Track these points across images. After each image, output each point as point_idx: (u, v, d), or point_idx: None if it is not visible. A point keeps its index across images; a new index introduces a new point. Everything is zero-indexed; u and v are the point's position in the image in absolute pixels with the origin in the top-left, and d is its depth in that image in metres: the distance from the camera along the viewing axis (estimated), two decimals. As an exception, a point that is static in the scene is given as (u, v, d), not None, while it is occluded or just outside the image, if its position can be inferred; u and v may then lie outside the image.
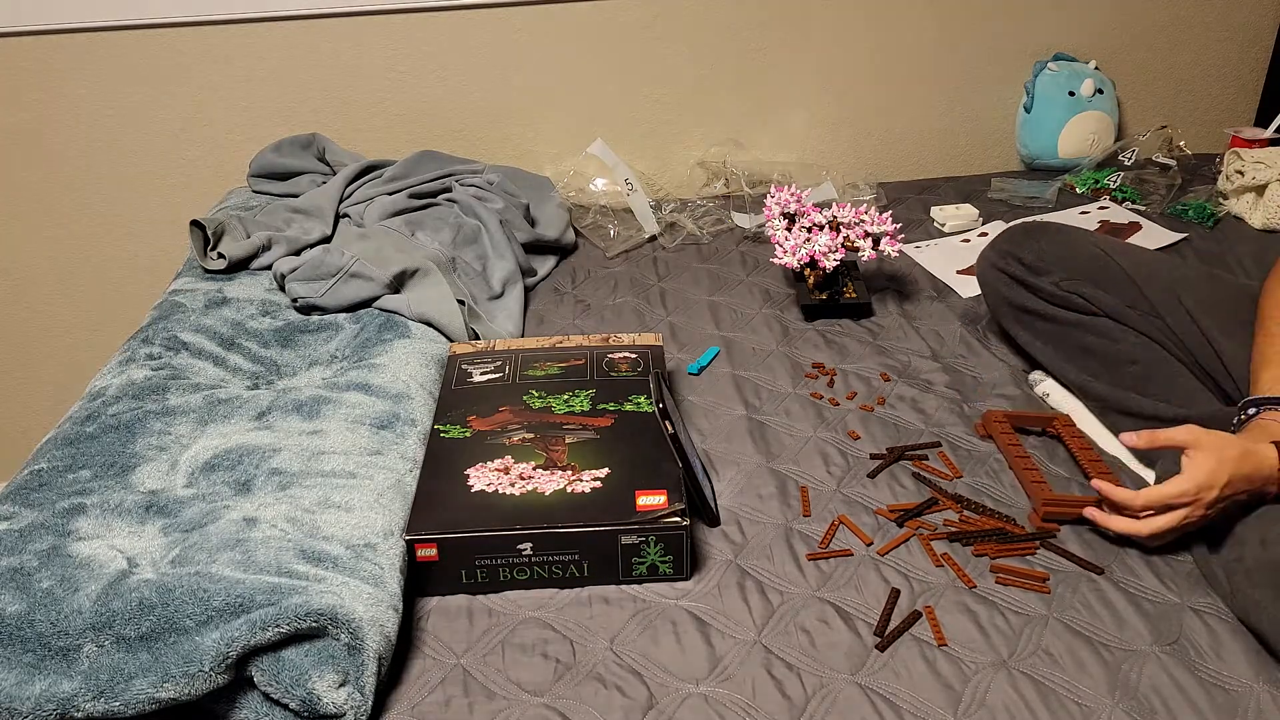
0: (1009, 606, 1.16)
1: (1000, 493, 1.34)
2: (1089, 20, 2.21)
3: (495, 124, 2.16)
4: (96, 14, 1.98)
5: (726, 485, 1.37)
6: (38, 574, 1.09)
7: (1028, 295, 1.51)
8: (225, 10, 2.00)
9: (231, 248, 1.73)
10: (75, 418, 1.38)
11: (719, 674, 1.09)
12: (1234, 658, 1.09)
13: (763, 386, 1.56)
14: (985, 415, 1.44)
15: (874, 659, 1.11)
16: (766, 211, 1.80)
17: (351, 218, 1.88)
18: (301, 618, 1.01)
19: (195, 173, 2.14)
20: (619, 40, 2.11)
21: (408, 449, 1.33)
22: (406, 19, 2.05)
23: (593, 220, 2.05)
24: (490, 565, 1.19)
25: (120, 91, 2.05)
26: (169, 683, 0.98)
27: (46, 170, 2.11)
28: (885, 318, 1.74)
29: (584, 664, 1.11)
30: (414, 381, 1.45)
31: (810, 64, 2.17)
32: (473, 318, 1.68)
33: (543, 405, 1.39)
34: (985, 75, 2.23)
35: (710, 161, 2.17)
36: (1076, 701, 1.05)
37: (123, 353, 1.52)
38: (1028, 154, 2.24)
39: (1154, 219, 1.98)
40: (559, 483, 1.24)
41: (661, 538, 1.19)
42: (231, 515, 1.18)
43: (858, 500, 1.33)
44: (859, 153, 2.28)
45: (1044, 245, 1.50)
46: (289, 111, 2.10)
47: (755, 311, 1.77)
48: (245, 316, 1.61)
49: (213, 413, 1.39)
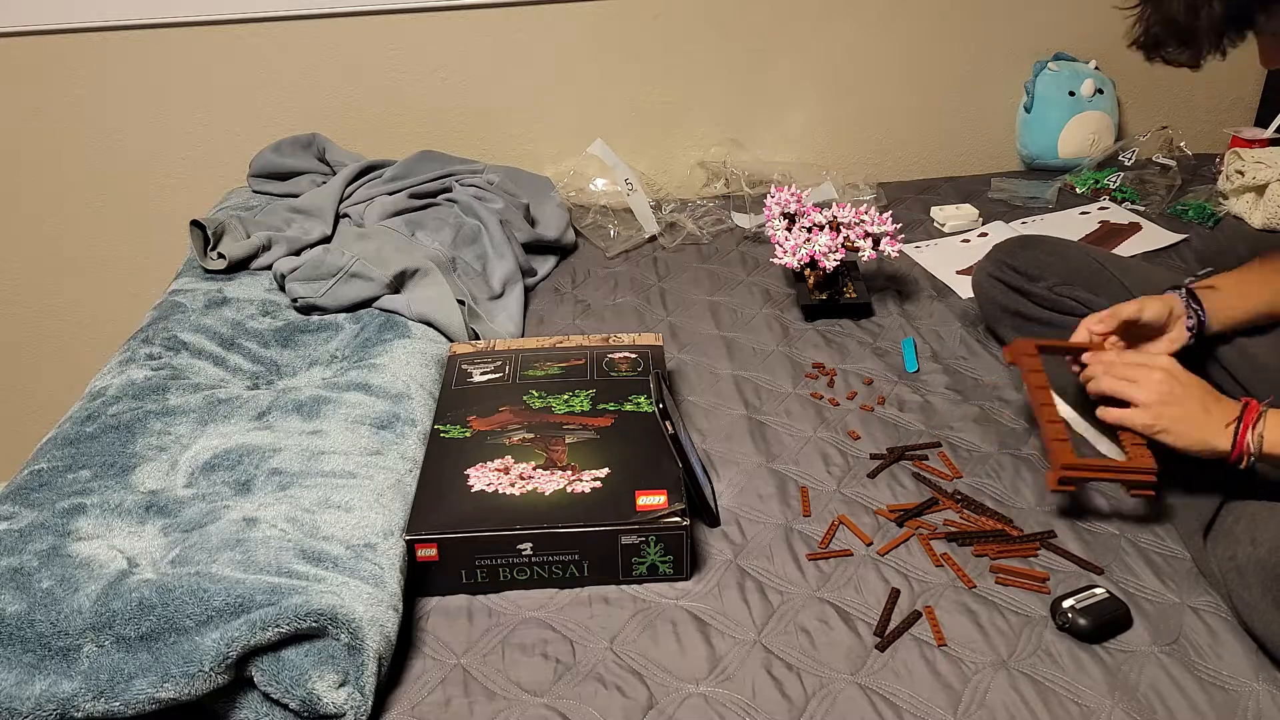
0: (1009, 606, 1.16)
1: (1000, 492, 1.34)
2: (1089, 20, 2.20)
3: (495, 124, 2.16)
4: (97, 14, 1.97)
5: (726, 485, 1.37)
6: (38, 574, 1.09)
7: (1022, 301, 1.53)
8: (226, 10, 2.00)
9: (231, 248, 1.73)
10: (75, 418, 1.38)
11: (719, 674, 1.09)
12: (1233, 657, 1.09)
13: (763, 386, 1.57)
14: (1015, 343, 1.37)
15: (874, 659, 1.11)
16: (766, 211, 1.80)
17: (351, 218, 1.88)
18: (301, 618, 1.01)
19: (195, 173, 2.14)
20: (619, 40, 2.11)
21: (408, 449, 1.33)
22: (406, 19, 2.05)
23: (593, 220, 2.05)
24: (490, 565, 1.19)
25: (120, 91, 2.05)
26: (169, 683, 0.98)
27: (46, 170, 2.11)
28: (885, 318, 1.74)
29: (584, 664, 1.11)
30: (414, 381, 1.45)
31: (810, 64, 2.17)
32: (473, 318, 1.68)
33: (543, 405, 1.39)
34: (985, 75, 2.23)
35: (710, 161, 2.17)
36: (1076, 701, 1.05)
37: (123, 353, 1.52)
38: (1028, 154, 2.24)
39: (1154, 219, 1.98)
40: (559, 483, 1.24)
41: (661, 538, 1.19)
42: (231, 515, 1.18)
43: (858, 500, 1.33)
44: (859, 153, 2.27)
45: (1038, 253, 1.54)
46: (289, 111, 2.10)
47: (755, 311, 1.77)
48: (245, 316, 1.61)
49: (213, 413, 1.39)
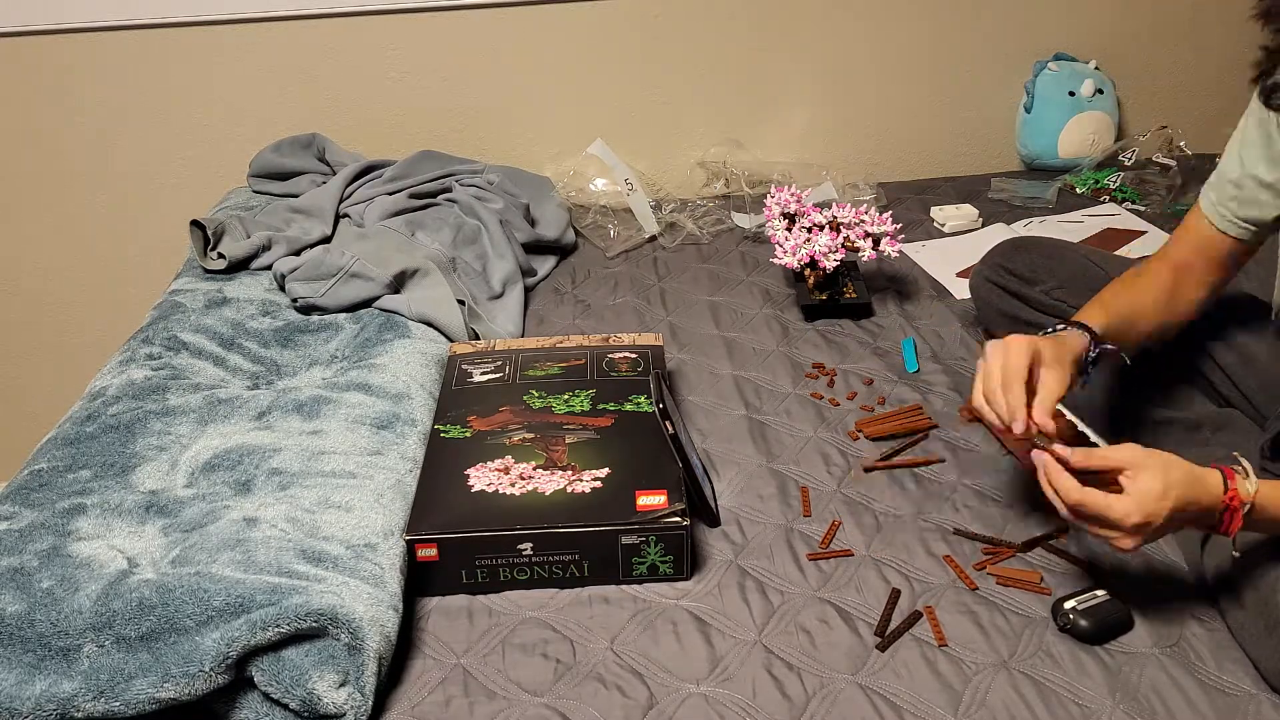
0: (1009, 607, 1.16)
1: (1000, 492, 1.34)
2: (1089, 20, 2.21)
3: (495, 124, 2.15)
4: (98, 14, 1.98)
5: (726, 485, 1.37)
6: (38, 574, 1.09)
7: (1019, 305, 1.53)
8: (226, 10, 2.00)
9: (231, 248, 1.73)
10: (75, 418, 1.38)
11: (719, 674, 1.09)
12: (1234, 661, 1.09)
13: (763, 386, 1.56)
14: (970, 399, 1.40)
15: (874, 659, 1.11)
16: (766, 211, 1.80)
17: (352, 218, 1.88)
18: (302, 618, 1.01)
19: (195, 173, 2.14)
20: (619, 40, 2.11)
21: (408, 449, 1.33)
22: (406, 19, 2.05)
23: (593, 220, 2.05)
24: (490, 565, 1.19)
25: (120, 91, 2.05)
26: (169, 683, 0.98)
27: (46, 170, 2.11)
28: (885, 318, 1.74)
29: (584, 664, 1.11)
30: (414, 381, 1.45)
31: (810, 64, 2.17)
32: (473, 318, 1.68)
33: (543, 405, 1.39)
34: (985, 75, 2.23)
35: (710, 161, 2.17)
36: (1077, 702, 1.05)
37: (123, 353, 1.52)
38: (1028, 154, 2.24)
39: (1156, 221, 1.98)
40: (559, 483, 1.24)
41: (662, 538, 1.19)
42: (232, 515, 1.18)
43: (858, 500, 1.33)
44: (859, 153, 2.27)
45: (1034, 257, 1.53)
46: (289, 111, 2.10)
47: (755, 311, 1.77)
48: (245, 316, 1.61)
49: (213, 413, 1.39)
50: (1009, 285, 1.53)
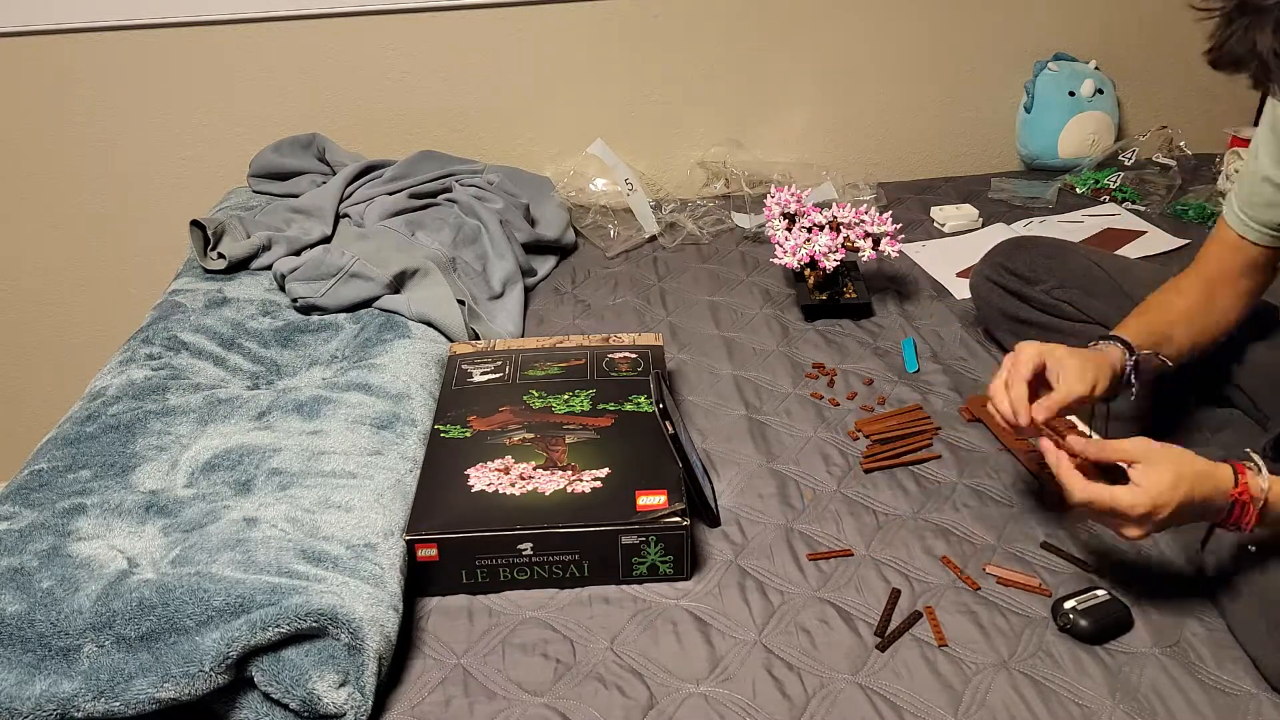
0: (1009, 607, 1.16)
1: (1000, 492, 1.34)
2: (1089, 20, 2.21)
3: (495, 124, 2.15)
4: (98, 14, 1.97)
5: (726, 485, 1.37)
6: (38, 574, 1.09)
7: (1020, 305, 1.53)
8: (226, 10, 2.00)
9: (231, 248, 1.73)
10: (75, 418, 1.38)
11: (719, 674, 1.09)
12: (1234, 661, 1.09)
13: (763, 386, 1.56)
14: (969, 400, 1.43)
15: (874, 659, 1.11)
16: (766, 211, 1.80)
17: (352, 218, 1.88)
18: (302, 618, 1.01)
19: (195, 173, 2.14)
20: (619, 40, 2.11)
21: (408, 449, 1.33)
22: (406, 19, 2.05)
23: (593, 220, 2.05)
24: (490, 565, 1.19)
25: (120, 91, 2.05)
26: (169, 683, 0.98)
27: (46, 170, 2.11)
28: (885, 318, 1.74)
29: (584, 664, 1.11)
30: (414, 381, 1.45)
31: (810, 64, 2.17)
32: (473, 318, 1.68)
33: (543, 405, 1.39)
34: (985, 75, 2.23)
35: (710, 161, 2.17)
36: (1077, 702, 1.05)
37: (123, 353, 1.52)
38: (1028, 154, 2.24)
39: (1156, 222, 1.98)
40: (559, 483, 1.24)
41: (662, 538, 1.19)
42: (231, 515, 1.18)
43: (858, 500, 1.33)
44: (859, 153, 2.27)
45: (1034, 256, 1.53)
46: (289, 111, 2.10)
47: (755, 311, 1.77)
48: (245, 316, 1.61)
49: (213, 413, 1.39)
50: (1009, 285, 1.54)
